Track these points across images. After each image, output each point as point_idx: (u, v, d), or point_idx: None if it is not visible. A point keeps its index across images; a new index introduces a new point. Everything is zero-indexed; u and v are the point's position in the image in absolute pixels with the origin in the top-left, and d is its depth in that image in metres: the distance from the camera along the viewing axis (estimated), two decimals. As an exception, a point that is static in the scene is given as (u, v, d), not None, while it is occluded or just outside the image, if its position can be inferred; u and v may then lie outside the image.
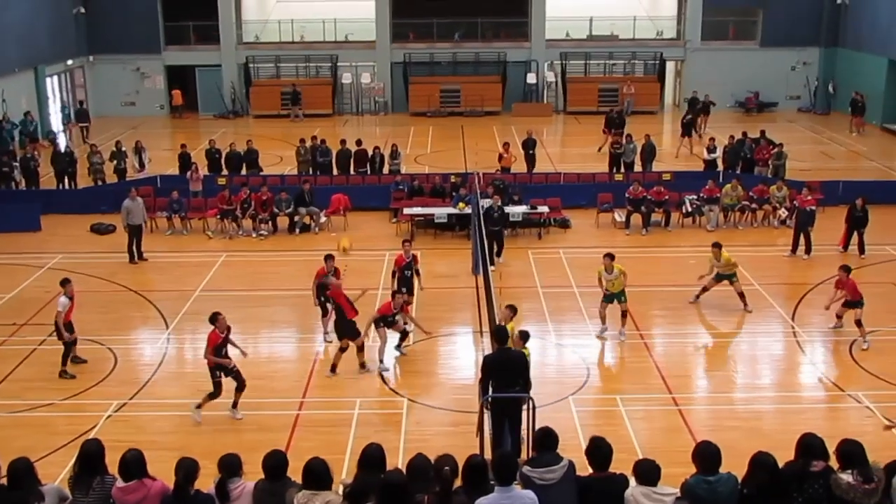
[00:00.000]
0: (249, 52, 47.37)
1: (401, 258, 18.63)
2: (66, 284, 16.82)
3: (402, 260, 18.61)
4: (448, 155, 36.00)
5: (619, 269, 18.02)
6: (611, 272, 18.01)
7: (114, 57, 46.15)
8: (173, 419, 14.84)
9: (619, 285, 18.05)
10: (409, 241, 19.39)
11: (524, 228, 25.62)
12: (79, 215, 27.12)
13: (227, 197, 25.93)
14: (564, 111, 46.73)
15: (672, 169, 30.81)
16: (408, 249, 18.79)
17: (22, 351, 17.64)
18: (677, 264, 23.01)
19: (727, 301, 20.26)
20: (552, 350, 17.79)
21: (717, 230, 25.67)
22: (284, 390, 16.06)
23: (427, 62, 47.60)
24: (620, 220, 25.96)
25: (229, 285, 21.71)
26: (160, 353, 17.71)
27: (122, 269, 22.88)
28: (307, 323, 19.34)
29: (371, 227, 26.51)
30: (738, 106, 46.28)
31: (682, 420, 14.69)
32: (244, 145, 31.11)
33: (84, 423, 14.59)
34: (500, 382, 12.34)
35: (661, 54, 47.09)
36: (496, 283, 17.45)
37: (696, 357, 17.81)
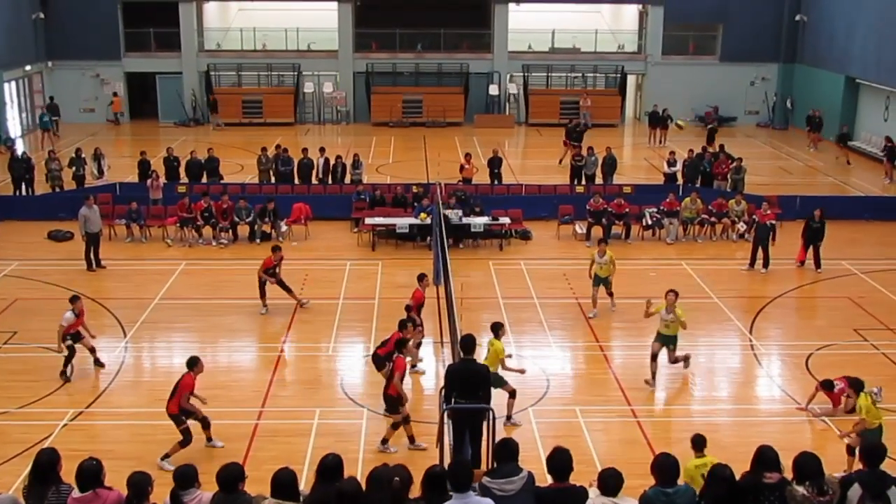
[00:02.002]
0: (211, 59, 47.12)
1: (420, 294, 17.36)
2: (76, 301, 17.04)
3: (421, 297, 17.36)
4: (410, 165, 36.02)
5: (610, 255, 19.69)
6: (602, 256, 19.64)
7: (73, 63, 45.68)
8: (130, 428, 14.68)
9: (607, 271, 19.78)
10: (426, 275, 17.81)
11: (485, 239, 25.68)
12: (36, 222, 26.80)
13: (188, 205, 25.76)
14: (526, 123, 46.95)
15: (633, 182, 31.04)
16: (426, 285, 17.52)
17: (-25, 359, 17.39)
18: (637, 277, 23.16)
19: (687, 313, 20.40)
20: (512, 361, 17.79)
21: (677, 243, 25.90)
22: (243, 400, 15.95)
23: (389, 72, 47.63)
24: (581, 233, 26.10)
25: (189, 294, 21.55)
26: (118, 362, 17.52)
27: (80, 276, 22.63)
28: (267, 332, 19.25)
29: (332, 236, 26.45)
30: (698, 120, 46.76)
31: (641, 432, 14.78)
32: (205, 153, 30.91)
33: (39, 431, 14.39)
34: (461, 393, 12.37)
35: (623, 68, 47.50)
36: (457, 293, 17.45)
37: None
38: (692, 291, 21.87)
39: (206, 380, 16.64)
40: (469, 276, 22.37)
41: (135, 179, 30.28)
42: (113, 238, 25.74)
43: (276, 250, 20.37)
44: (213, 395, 15.95)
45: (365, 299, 21.16)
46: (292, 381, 16.88)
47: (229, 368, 17.50)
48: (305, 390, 16.39)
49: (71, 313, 16.84)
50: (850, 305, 21.00)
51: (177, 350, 18.62)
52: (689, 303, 20.93)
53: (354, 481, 7.76)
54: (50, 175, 29.84)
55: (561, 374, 17.33)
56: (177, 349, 18.67)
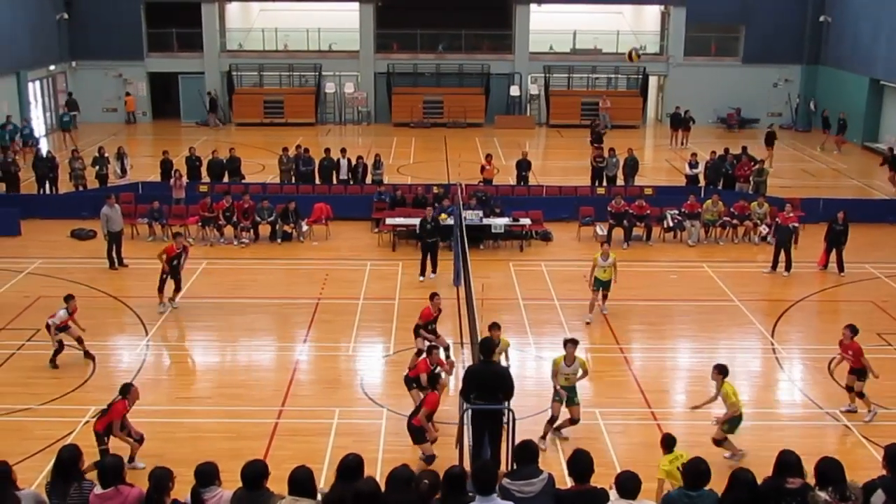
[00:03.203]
0: (233, 59, 47.30)
1: (428, 312, 17.03)
2: (70, 300, 17.41)
3: (429, 314, 17.01)
4: (430, 166, 36.05)
5: (614, 258, 19.49)
6: (606, 259, 19.38)
7: (96, 63, 45.97)
8: (151, 426, 14.72)
9: (609, 274, 19.46)
10: (437, 294, 17.30)
11: (506, 241, 25.66)
12: (59, 220, 26.99)
13: (209, 204, 25.87)
14: (547, 124, 46.87)
15: (654, 184, 30.93)
16: (437, 304, 16.99)
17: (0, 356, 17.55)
18: (658, 279, 23.10)
19: (707, 316, 20.37)
20: (532, 363, 17.81)
21: (698, 245, 25.80)
22: (263, 399, 16.00)
23: (410, 73, 47.66)
24: (602, 234, 26.02)
25: (209, 293, 21.64)
26: (139, 360, 17.62)
27: (102, 274, 22.78)
28: (287, 332, 19.31)
29: (353, 236, 26.50)
30: (720, 122, 46.56)
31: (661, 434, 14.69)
32: (226, 153, 31.04)
33: (61, 428, 14.49)
34: (481, 395, 12.36)
35: (644, 69, 47.33)
36: (477, 294, 17.47)
37: (674, 372, 17.86)
38: (713, 294, 21.80)
39: (228, 379, 16.82)
40: (489, 276, 22.36)
41: (157, 179, 30.45)
42: (135, 237, 25.90)
43: (178, 237, 20.64)
44: (234, 393, 16.08)
45: (385, 299, 21.19)
46: (312, 381, 16.91)
47: (249, 367, 17.57)
48: (325, 390, 16.43)
49: (64, 311, 17.22)
50: (873, 309, 20.85)
51: (198, 349, 18.72)
52: (710, 306, 20.97)
53: (372, 481, 7.77)
54: (73, 174, 30.05)
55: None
56: (198, 348, 18.77)
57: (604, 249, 19.75)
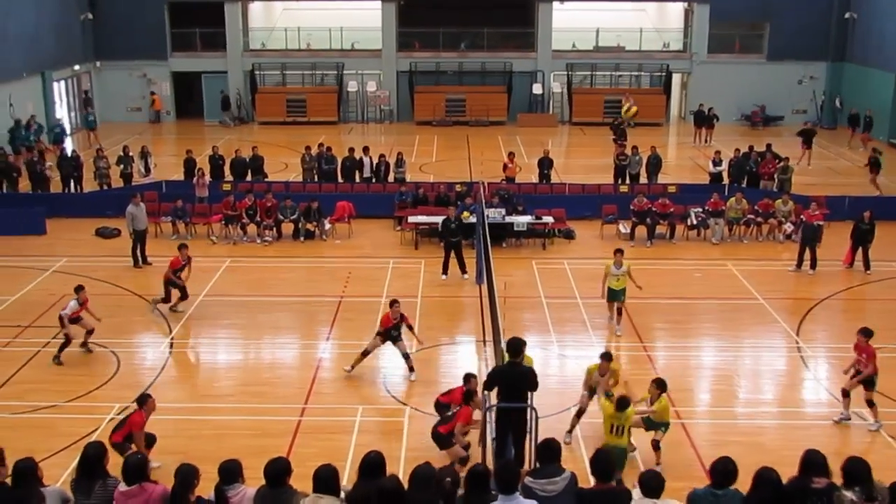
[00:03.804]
0: (255, 59, 47.47)
1: (387, 319, 16.85)
2: (80, 291, 17.71)
3: (388, 321, 16.83)
4: (453, 164, 36.02)
5: (627, 266, 18.71)
6: (619, 267, 18.64)
7: (120, 63, 46.24)
8: (175, 423, 14.82)
9: (623, 283, 18.66)
10: (397, 301, 17.06)
11: (528, 239, 25.63)
12: (84, 219, 27.15)
13: (232, 203, 25.96)
14: (570, 122, 46.76)
15: (677, 181, 30.79)
16: (397, 311, 16.79)
17: (26, 353, 17.65)
18: (682, 277, 23.00)
19: (732, 315, 20.26)
20: (555, 361, 17.78)
21: (722, 243, 25.66)
22: (286, 396, 16.04)
23: (433, 71, 47.66)
24: (625, 232, 25.94)
25: (233, 291, 21.72)
26: (163, 358, 17.72)
27: (127, 272, 22.91)
28: (310, 329, 19.36)
29: (375, 235, 26.53)
30: (744, 119, 46.28)
31: (685, 434, 14.66)
32: (249, 152, 31.15)
33: (86, 425, 14.59)
34: (506, 396, 12.35)
35: (668, 66, 47.14)
36: (500, 292, 17.44)
37: (698, 371, 17.77)
38: (737, 292, 21.68)
39: (251, 376, 16.88)
40: (512, 275, 22.32)
41: (180, 177, 30.58)
42: (159, 235, 26.03)
43: (183, 248, 20.19)
44: (258, 391, 16.14)
45: (408, 297, 21.13)
46: (335, 379, 16.94)
47: (272, 365, 17.62)
48: (348, 388, 16.46)
49: (75, 302, 17.46)
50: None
51: (221, 347, 18.79)
52: (734, 304, 20.85)
53: (395, 479, 7.78)
54: (98, 173, 30.22)
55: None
56: (221, 346, 18.83)
57: (617, 258, 18.68)
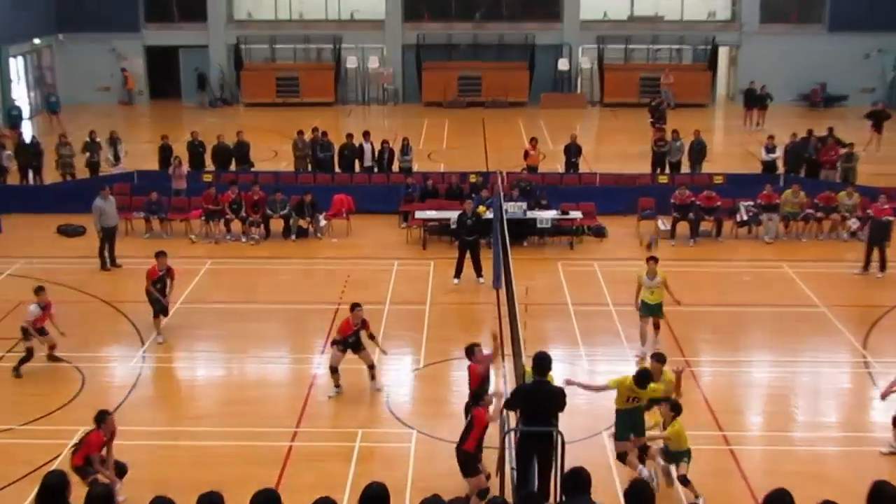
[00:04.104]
0: (241, 31, 47.51)
1: (346, 325, 16.73)
2: (40, 293, 17.53)
3: (348, 327, 16.69)
4: (466, 152, 35.98)
5: (662, 276, 18.09)
6: (653, 278, 18.07)
7: (87, 36, 46.27)
8: (148, 449, 14.81)
9: (658, 296, 18.14)
10: (359, 305, 16.92)
11: (553, 237, 25.56)
12: (44, 215, 27.16)
13: (214, 196, 25.97)
14: (600, 103, 46.68)
15: (725, 171, 30.69)
16: (358, 316, 16.75)
17: (-24, 369, 17.70)
18: (730, 281, 22.92)
19: (788, 325, 20.17)
20: (584, 377, 17.68)
21: (776, 242, 25.56)
22: (276, 418, 16.01)
23: (443, 45, 47.63)
24: (664, 229, 25.86)
25: (215, 297, 21.72)
26: (134, 374, 17.70)
27: (93, 276, 22.92)
28: (303, 341, 19.35)
29: (378, 232, 26.51)
30: (802, 99, 46.11)
31: (734, 462, 14.59)
32: (233, 137, 31.18)
33: (46, 452, 14.55)
34: (531, 418, 12.30)
35: (714, 39, 47.00)
36: (521, 299, 17.40)
37: (749, 389, 17.70)
38: (794, 299, 21.59)
39: (236, 395, 16.86)
40: (534, 278, 22.27)
41: (155, 167, 30.61)
42: (130, 233, 26.05)
43: (161, 256, 19.31)
44: (243, 412, 16.12)
45: (415, 304, 21.17)
46: (331, 398, 16.91)
47: (260, 382, 17.60)
48: (346, 408, 16.42)
49: (36, 307, 17.32)
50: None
51: (201, 361, 18.79)
52: (791, 312, 20.76)
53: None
54: (61, 162, 30.29)
55: (640, 393, 17.16)
56: (201, 360, 18.84)
57: (649, 266, 18.14)
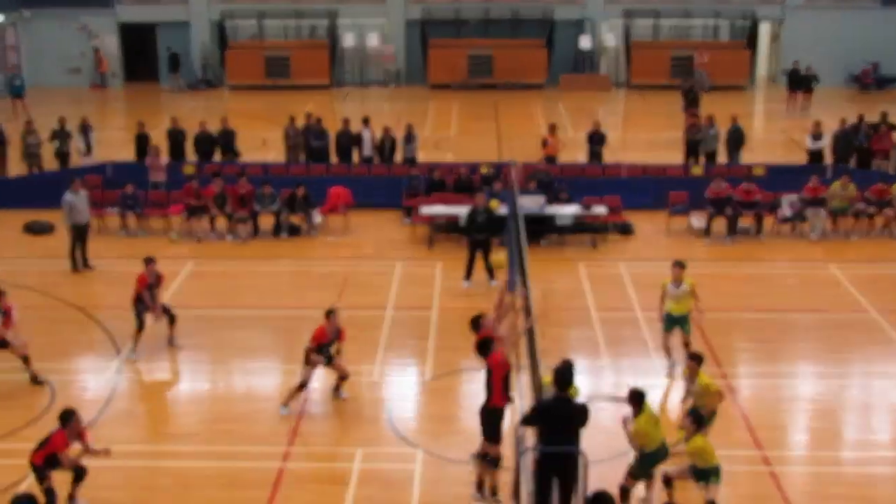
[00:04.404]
0: (225, 5, 47.64)
1: (322, 333, 16.83)
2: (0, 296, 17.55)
3: (323, 336, 16.82)
4: (477, 139, 36.06)
5: (689, 284, 17.77)
6: (678, 286, 17.77)
7: (54, 11, 46.54)
8: (125, 471, 14.88)
9: (685, 306, 17.83)
10: (334, 311, 17.03)
11: (574, 235, 25.60)
12: (9, 211, 27.37)
13: (196, 190, 26.05)
14: (627, 85, 46.71)
15: (766, 161, 30.72)
16: (334, 323, 16.91)
17: (-66, 381, 17.80)
18: (771, 283, 22.93)
19: (835, 332, 20.18)
20: (608, 391, 17.75)
21: (823, 240, 25.58)
22: (265, 436, 16.07)
23: (451, 20, 47.73)
24: (699, 226, 25.89)
25: (197, 301, 21.79)
26: (109, 387, 17.76)
27: (63, 278, 23.01)
28: (295, 351, 19.35)
29: (378, 230, 26.60)
30: (852, 81, 46.11)
31: (775, 485, 14.61)
32: (217, 124, 31.28)
33: (11, 473, 14.60)
34: (551, 437, 12.35)
35: (753, 13, 47.02)
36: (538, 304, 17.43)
37: (793, 403, 17.68)
38: (843, 304, 21.61)
39: (221, 411, 16.93)
40: (553, 281, 22.32)
41: (131, 157, 30.72)
42: (103, 231, 26.17)
43: (150, 262, 19.24)
44: (229, 430, 16.18)
45: (419, 310, 21.24)
46: (327, 414, 16.98)
47: (248, 396, 17.65)
48: (343, 426, 16.47)
49: None
50: None
51: (183, 373, 18.86)
52: (839, 318, 20.77)
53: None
54: (26, 152, 30.37)
55: (671, 408, 17.21)
56: (183, 371, 18.90)
57: (675, 273, 17.81)
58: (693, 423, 13.43)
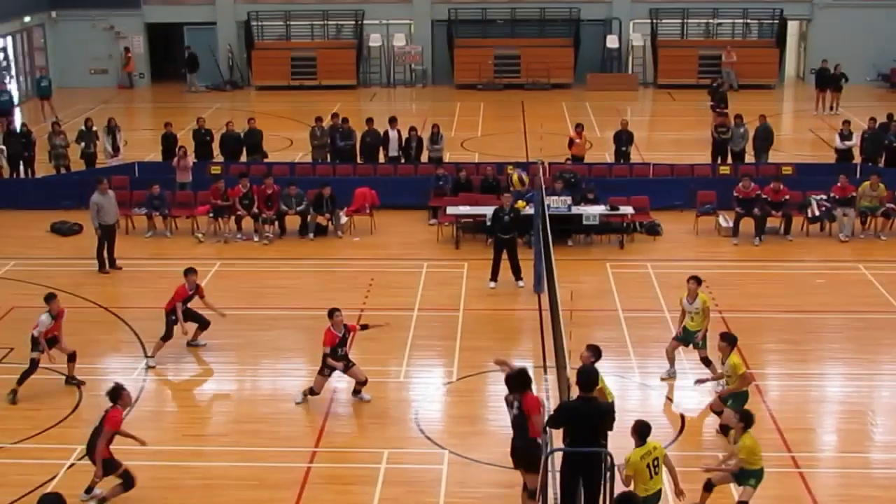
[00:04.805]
0: (252, 6, 47.70)
1: (330, 335, 16.87)
2: (51, 301, 17.55)
3: (333, 338, 16.87)
4: (504, 139, 36.01)
5: (703, 300, 17.42)
6: (692, 301, 17.46)
7: (82, 13, 46.66)
8: (152, 471, 14.91)
9: (698, 323, 17.49)
10: (338, 310, 17.14)
11: (601, 235, 25.55)
12: (36, 211, 27.46)
13: (223, 190, 26.08)
14: (654, 84, 46.56)
15: (794, 161, 30.57)
16: (340, 321, 16.96)
17: (-37, 382, 17.89)
18: (800, 284, 22.81)
19: (865, 333, 20.07)
20: (635, 392, 17.71)
21: (852, 240, 25.43)
22: (292, 437, 16.12)
23: (477, 20, 47.64)
24: (726, 226, 25.79)
25: (224, 302, 21.70)
26: (136, 388, 17.78)
27: (90, 279, 23.10)
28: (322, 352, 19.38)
29: (405, 230, 26.59)
30: (882, 80, 45.80)
31: (804, 486, 14.56)
32: (244, 125, 31.34)
33: (40, 472, 14.73)
34: (578, 440, 12.33)
35: (781, 11, 46.76)
36: (565, 304, 17.40)
37: (822, 405, 17.65)
38: (873, 304, 21.48)
39: (247, 412, 16.99)
40: (580, 282, 22.27)
41: (157, 158, 30.84)
42: (130, 231, 26.24)
43: (190, 273, 19.16)
44: (255, 430, 16.22)
45: (446, 311, 21.22)
46: (353, 415, 17.00)
47: (274, 397, 17.68)
48: (370, 426, 16.48)
49: (47, 316, 17.33)
50: None
51: (209, 373, 18.89)
52: (869, 319, 20.65)
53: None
54: (53, 153, 30.46)
55: (699, 409, 17.15)
56: (209, 372, 18.94)
57: (690, 288, 17.45)
58: (741, 421, 13.36)
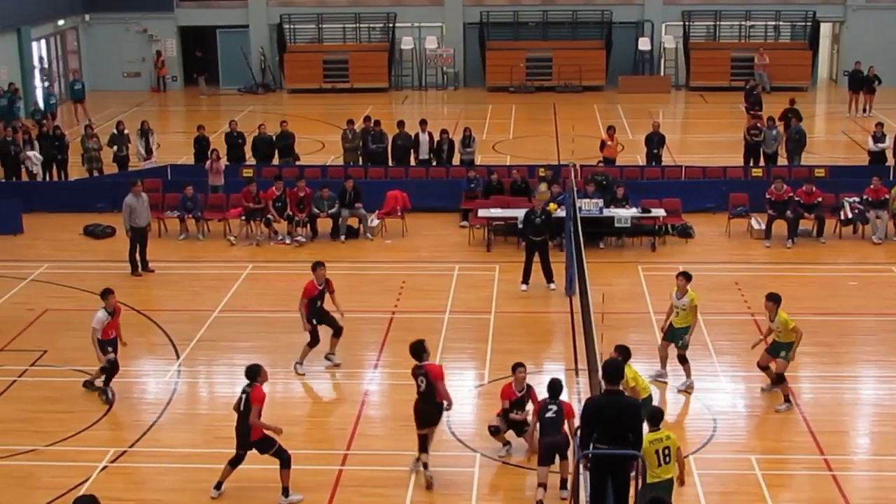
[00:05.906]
0: (284, 9, 47.86)
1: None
2: (108, 296, 17.40)
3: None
4: (535, 142, 36.00)
5: (691, 297, 17.48)
6: (681, 297, 17.53)
7: (115, 16, 46.95)
8: (182, 473, 14.99)
9: (684, 319, 17.55)
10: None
11: (633, 237, 25.49)
12: (69, 214, 27.62)
13: (255, 193, 26.17)
14: (686, 87, 46.41)
15: (827, 163, 30.41)
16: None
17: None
18: (833, 287, 22.70)
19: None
20: (669, 395, 17.64)
21: (886, 242, 25.26)
22: (323, 440, 16.18)
23: (510, 23, 47.66)
24: (759, 229, 25.67)
25: (256, 305, 21.90)
26: (168, 390, 17.92)
27: (123, 281, 23.14)
28: (353, 354, 19.43)
29: (436, 233, 26.59)
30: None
31: (838, 490, 14.46)
32: (276, 128, 31.43)
33: (73, 475, 14.81)
34: (605, 436, 12.28)
35: (814, 14, 46.53)
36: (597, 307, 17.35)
37: (855, 408, 17.54)
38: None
39: (279, 414, 16.98)
40: (612, 284, 22.22)
41: (190, 161, 30.98)
42: (163, 234, 26.34)
43: (319, 267, 18.66)
44: (287, 433, 16.18)
45: (478, 313, 21.21)
46: (385, 417, 17.02)
47: (306, 400, 17.76)
48: (402, 429, 16.42)
49: (104, 312, 17.19)
50: None
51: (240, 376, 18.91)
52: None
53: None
54: (86, 156, 30.60)
55: (731, 412, 17.07)
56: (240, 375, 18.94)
57: (679, 283, 17.61)
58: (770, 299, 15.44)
